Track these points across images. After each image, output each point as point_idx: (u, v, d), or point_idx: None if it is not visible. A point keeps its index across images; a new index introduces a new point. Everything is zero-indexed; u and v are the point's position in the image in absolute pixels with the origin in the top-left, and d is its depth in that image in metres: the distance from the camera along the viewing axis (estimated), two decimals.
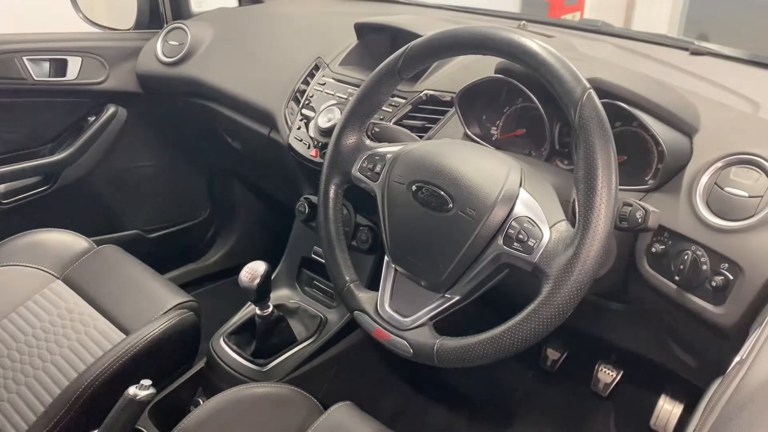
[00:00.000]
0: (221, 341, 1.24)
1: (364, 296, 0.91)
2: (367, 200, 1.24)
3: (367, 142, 0.95)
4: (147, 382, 0.97)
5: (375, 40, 1.31)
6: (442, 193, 0.81)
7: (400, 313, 0.86)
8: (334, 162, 0.95)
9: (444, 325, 0.85)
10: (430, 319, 0.84)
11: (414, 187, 0.84)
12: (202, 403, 1.24)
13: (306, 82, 1.32)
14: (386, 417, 1.03)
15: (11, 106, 1.52)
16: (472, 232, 0.78)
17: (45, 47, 1.52)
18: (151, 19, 1.73)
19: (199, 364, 1.28)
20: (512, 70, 0.97)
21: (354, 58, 1.31)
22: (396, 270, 0.89)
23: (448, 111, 1.10)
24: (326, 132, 1.17)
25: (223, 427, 0.97)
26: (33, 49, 1.50)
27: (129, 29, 1.74)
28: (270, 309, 1.18)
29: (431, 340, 0.82)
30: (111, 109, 1.65)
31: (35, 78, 1.51)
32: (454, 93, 1.07)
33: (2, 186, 1.54)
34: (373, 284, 1.15)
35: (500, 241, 0.77)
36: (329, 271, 0.95)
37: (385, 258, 0.90)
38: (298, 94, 1.32)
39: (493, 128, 1.08)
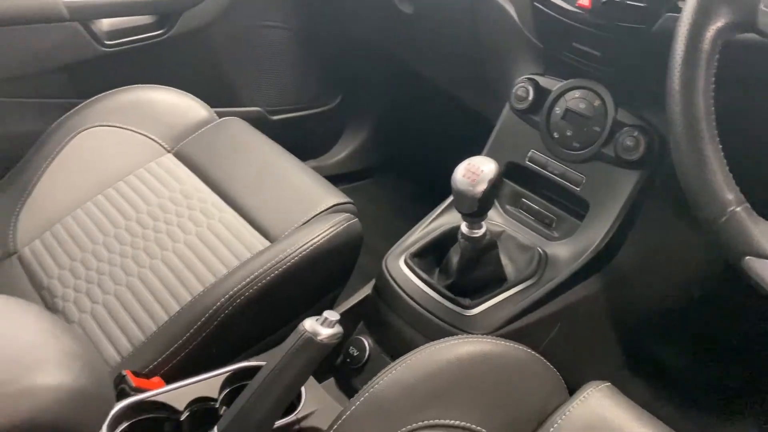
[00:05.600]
0: (401, 263, 0.87)
1: (765, 232, 0.51)
2: (637, 86, 0.84)
3: None
4: (332, 315, 0.61)
5: None
6: None
7: None
8: None
9: None
10: None
11: None
12: (366, 344, 0.90)
13: None
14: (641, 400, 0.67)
15: None
16: None
17: None
18: None
19: (364, 290, 0.93)
20: None
21: None
22: None
23: None
24: None
25: (450, 397, 0.63)
26: None
27: None
28: (484, 229, 0.80)
29: None
30: None
31: None
32: None
33: (106, 22, 1.18)
34: None
35: None
36: (688, 184, 0.54)
37: None
38: None
39: None
